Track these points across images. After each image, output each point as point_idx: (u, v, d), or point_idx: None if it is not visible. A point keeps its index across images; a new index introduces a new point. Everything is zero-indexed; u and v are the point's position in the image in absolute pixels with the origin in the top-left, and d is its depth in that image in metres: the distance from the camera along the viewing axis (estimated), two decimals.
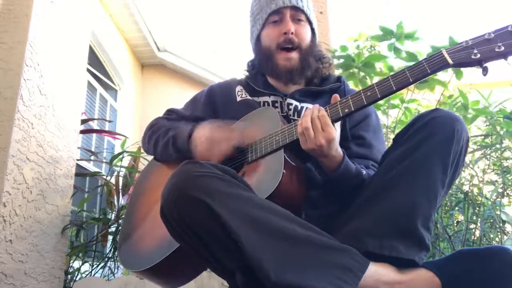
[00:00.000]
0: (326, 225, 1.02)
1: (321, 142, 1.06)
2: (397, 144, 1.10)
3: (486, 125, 2.10)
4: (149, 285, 1.76)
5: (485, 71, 0.98)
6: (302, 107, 1.33)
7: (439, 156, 1.00)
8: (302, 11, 1.34)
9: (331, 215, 1.17)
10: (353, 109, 1.08)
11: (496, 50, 0.96)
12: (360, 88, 2.13)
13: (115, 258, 2.22)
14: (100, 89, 4.52)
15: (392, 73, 1.08)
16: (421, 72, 1.02)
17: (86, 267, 2.28)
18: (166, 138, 1.33)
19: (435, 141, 1.01)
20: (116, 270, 2.27)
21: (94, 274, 2.20)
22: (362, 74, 2.14)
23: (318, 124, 1.07)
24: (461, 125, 1.03)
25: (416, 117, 1.09)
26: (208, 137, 1.25)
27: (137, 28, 4.76)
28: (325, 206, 1.20)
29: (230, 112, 1.37)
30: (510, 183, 2.06)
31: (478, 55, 0.98)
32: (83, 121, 2.43)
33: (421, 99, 2.42)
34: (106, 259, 2.25)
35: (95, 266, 2.21)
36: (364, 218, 1.03)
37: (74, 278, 2.13)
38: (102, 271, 2.25)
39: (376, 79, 2.18)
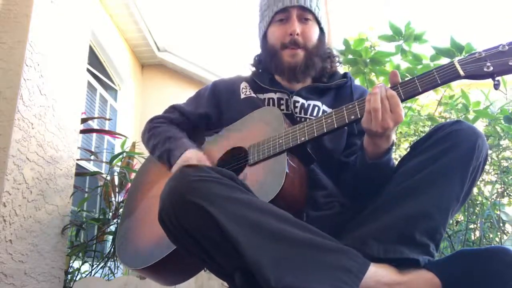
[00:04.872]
0: (328, 226, 1.02)
1: (389, 124, 1.00)
2: (415, 152, 1.08)
3: (486, 125, 2.10)
4: (150, 285, 1.76)
5: (497, 85, 0.97)
6: (309, 105, 1.32)
7: (458, 170, 0.99)
8: (310, 11, 1.32)
9: (333, 217, 1.17)
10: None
11: (510, 63, 0.95)
12: (367, 85, 2.13)
13: (115, 258, 2.22)
14: (100, 89, 4.52)
15: (401, 81, 1.06)
16: (431, 82, 1.01)
17: (86, 267, 2.28)
18: (163, 148, 1.34)
19: (456, 155, 0.99)
20: (116, 270, 2.27)
21: (94, 274, 2.20)
22: (368, 70, 2.13)
23: (387, 105, 1.01)
24: (483, 141, 1.02)
25: (437, 127, 1.08)
26: (185, 159, 1.25)
27: (137, 28, 4.76)
28: (328, 208, 1.19)
29: (233, 109, 1.37)
30: (510, 183, 2.06)
31: (491, 68, 0.96)
32: (83, 120, 2.43)
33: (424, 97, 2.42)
34: (106, 259, 2.25)
35: (95, 266, 2.21)
36: (374, 223, 1.03)
37: (74, 278, 2.13)
38: (102, 271, 2.25)
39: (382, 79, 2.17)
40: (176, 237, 0.96)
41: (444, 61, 1.96)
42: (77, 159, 2.27)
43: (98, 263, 2.23)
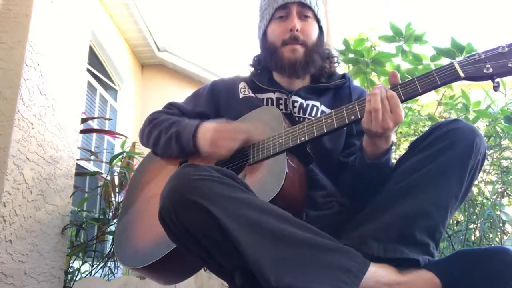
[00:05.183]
0: (327, 226, 1.02)
1: (389, 124, 1.00)
2: (413, 151, 1.09)
3: (486, 125, 2.10)
4: (150, 285, 1.76)
5: (497, 86, 0.97)
6: (307, 105, 1.32)
7: (456, 169, 1.00)
8: (310, 8, 1.33)
9: (332, 216, 1.17)
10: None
11: (509, 65, 0.95)
12: (366, 85, 2.13)
13: (115, 258, 2.22)
14: (100, 89, 4.52)
15: (401, 82, 1.06)
16: (431, 83, 1.01)
17: (86, 267, 2.28)
18: (169, 133, 1.31)
19: (454, 153, 1.00)
20: (116, 270, 2.27)
21: (94, 274, 2.20)
22: (370, 70, 2.13)
23: (387, 105, 1.01)
24: (481, 139, 1.02)
25: (435, 125, 1.08)
26: (212, 134, 1.22)
27: (137, 28, 4.76)
28: (327, 208, 1.19)
29: (232, 109, 1.37)
30: (510, 183, 2.06)
31: (491, 70, 0.96)
32: (83, 120, 2.43)
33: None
34: (106, 259, 2.25)
35: (95, 266, 2.21)
36: (373, 223, 1.03)
37: (74, 278, 2.13)
38: (102, 271, 2.25)
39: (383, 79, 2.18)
40: (176, 235, 0.96)
41: (445, 61, 1.96)
42: (77, 159, 2.27)
43: (98, 263, 2.23)
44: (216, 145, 1.21)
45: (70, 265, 2.16)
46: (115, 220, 2.27)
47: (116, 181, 2.41)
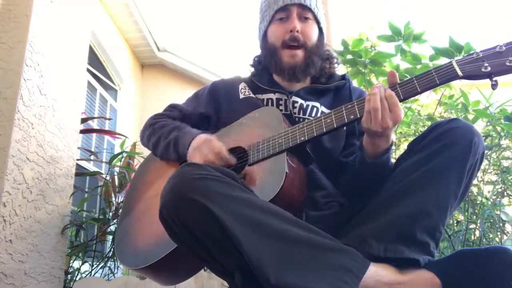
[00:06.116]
0: (327, 226, 1.02)
1: (388, 124, 1.01)
2: (412, 151, 1.09)
3: (487, 124, 2.10)
4: (150, 285, 1.76)
5: (495, 85, 0.98)
6: (307, 105, 1.33)
7: (454, 168, 1.00)
8: (310, 10, 1.33)
9: (332, 216, 1.17)
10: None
11: (507, 64, 0.96)
12: (364, 86, 2.12)
13: (115, 258, 2.22)
14: (100, 89, 4.52)
15: (400, 81, 1.07)
16: (430, 82, 1.01)
17: (86, 267, 2.28)
18: (168, 139, 1.32)
19: (452, 153, 1.00)
20: (116, 270, 2.27)
21: (94, 274, 2.20)
22: (368, 71, 2.12)
23: (386, 105, 1.02)
24: (479, 138, 1.03)
25: (433, 125, 1.09)
26: (197, 145, 1.22)
27: (137, 28, 4.76)
28: (327, 208, 1.19)
29: (232, 109, 1.37)
30: (510, 183, 2.06)
31: (489, 68, 0.97)
32: (83, 120, 2.43)
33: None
34: (106, 259, 2.25)
35: (95, 266, 2.21)
36: (373, 223, 1.03)
37: (74, 278, 2.13)
38: (102, 271, 2.25)
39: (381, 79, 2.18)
40: (176, 234, 0.96)
41: (444, 61, 1.96)
42: (77, 159, 2.27)
43: (98, 263, 2.23)
44: (195, 152, 1.21)
45: (70, 265, 2.16)
46: (115, 220, 2.27)
47: (116, 181, 2.41)
